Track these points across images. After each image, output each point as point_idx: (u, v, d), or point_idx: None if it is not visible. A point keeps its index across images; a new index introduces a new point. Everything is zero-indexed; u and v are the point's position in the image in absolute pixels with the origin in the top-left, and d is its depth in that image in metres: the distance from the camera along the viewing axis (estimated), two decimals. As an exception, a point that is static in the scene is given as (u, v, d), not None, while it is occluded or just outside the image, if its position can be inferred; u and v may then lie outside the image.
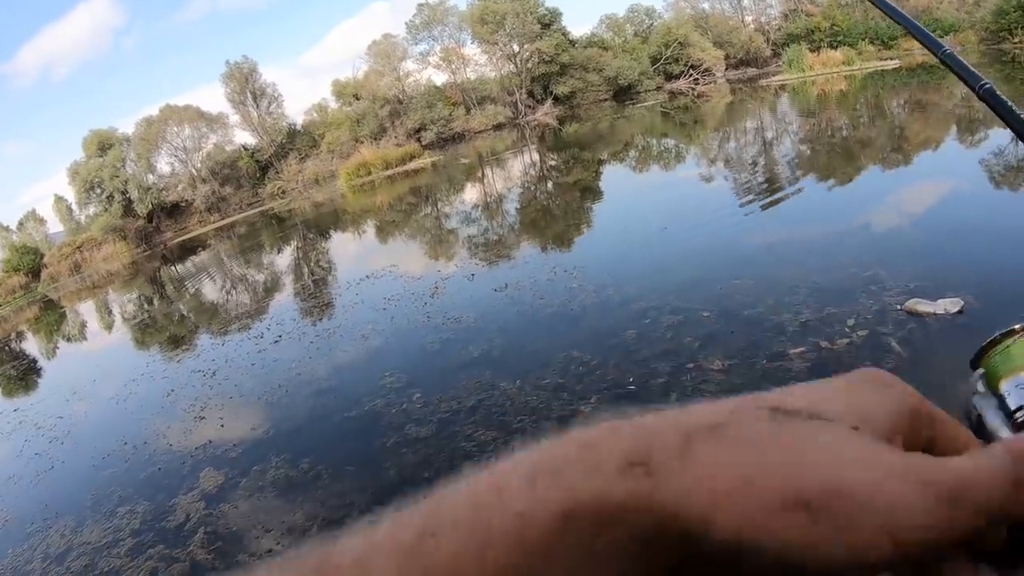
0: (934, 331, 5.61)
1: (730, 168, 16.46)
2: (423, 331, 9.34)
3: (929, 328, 5.67)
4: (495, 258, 12.84)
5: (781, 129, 21.89)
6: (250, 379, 9.69)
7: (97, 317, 24.21)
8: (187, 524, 6.15)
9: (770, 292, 7.29)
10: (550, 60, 50.12)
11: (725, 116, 30.34)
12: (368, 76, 53.55)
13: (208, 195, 50.77)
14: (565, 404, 6.12)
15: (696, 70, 50.77)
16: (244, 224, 39.43)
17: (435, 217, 21.15)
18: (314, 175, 49.90)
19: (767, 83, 39.34)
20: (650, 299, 8.14)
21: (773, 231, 9.92)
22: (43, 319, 29.16)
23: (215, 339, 13.29)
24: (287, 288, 16.86)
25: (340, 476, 6.15)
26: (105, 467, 8.20)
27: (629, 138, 29.18)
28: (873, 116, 19.95)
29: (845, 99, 26.13)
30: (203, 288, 21.78)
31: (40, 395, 14.13)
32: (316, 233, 26.38)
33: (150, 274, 31.63)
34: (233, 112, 53.26)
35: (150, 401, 10.26)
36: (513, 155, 34.00)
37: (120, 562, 5.91)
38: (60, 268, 44.57)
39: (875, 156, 13.90)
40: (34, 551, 6.66)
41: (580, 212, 15.90)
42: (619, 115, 40.12)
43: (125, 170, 50.50)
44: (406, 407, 7.05)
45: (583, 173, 21.90)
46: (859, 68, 36.06)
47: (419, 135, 50.33)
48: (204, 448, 7.71)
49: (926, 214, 9.27)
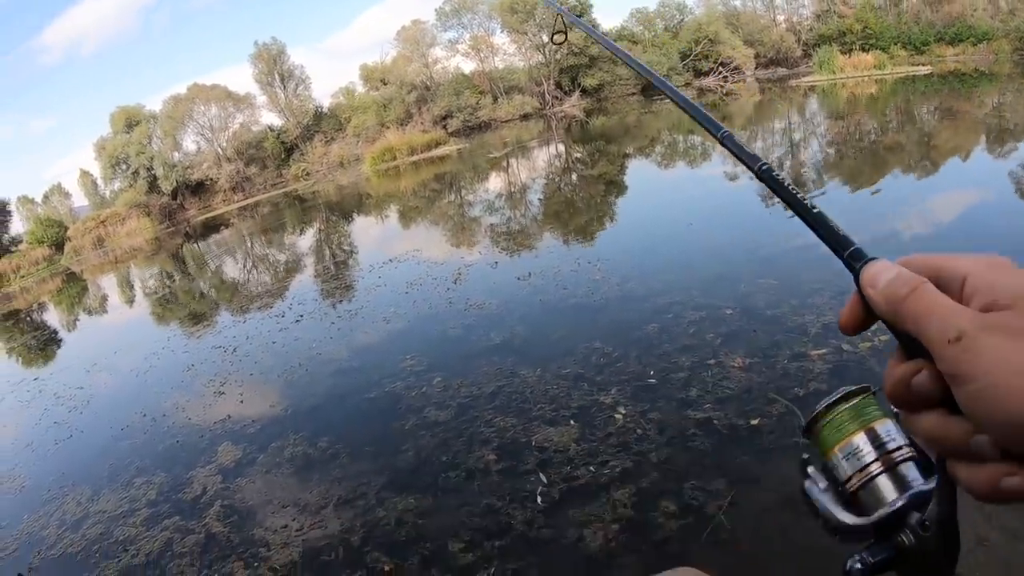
0: None
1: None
2: (445, 316, 9.28)
3: None
4: (518, 247, 12.76)
5: (809, 131, 21.66)
6: (270, 357, 9.66)
7: (119, 291, 24.35)
8: (203, 497, 6.12)
9: (794, 293, 7.19)
10: (579, 52, 49.90)
11: (753, 115, 30.08)
12: (396, 61, 53.63)
13: (233, 174, 51.01)
14: (585, 394, 6.03)
15: (725, 68, 50.41)
16: (268, 204, 39.56)
17: (459, 204, 21.08)
18: (339, 158, 50.01)
19: (796, 84, 38.93)
20: (673, 294, 8.04)
21: (798, 232, 9.76)
22: (65, 291, 29.38)
23: (236, 316, 13.29)
24: (309, 269, 16.84)
25: (358, 456, 6.09)
26: (123, 438, 8.20)
27: (656, 133, 29.01)
28: (902, 122, 19.68)
29: (875, 103, 25.83)
30: (225, 266, 21.86)
31: (60, 365, 14.18)
32: (339, 215, 26.41)
33: (172, 250, 31.79)
34: (260, 93, 53.69)
35: (170, 375, 10.26)
36: (539, 146, 33.90)
37: (135, 531, 5.88)
38: (83, 241, 44.94)
39: (903, 162, 13.69)
40: (50, 517, 6.65)
41: (604, 205, 15.78)
42: (646, 110, 39.82)
43: (151, 147, 50.89)
44: (426, 391, 6.99)
45: (609, 166, 21.76)
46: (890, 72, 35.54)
47: (445, 122, 50.34)
48: (223, 423, 7.68)
49: (953, 223, 9.08)
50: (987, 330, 0.49)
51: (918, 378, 0.54)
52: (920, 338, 0.53)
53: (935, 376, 0.53)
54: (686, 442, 4.87)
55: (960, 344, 0.49)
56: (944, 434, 0.53)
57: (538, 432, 5.55)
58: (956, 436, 0.52)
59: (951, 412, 0.53)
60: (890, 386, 0.57)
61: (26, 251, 45.47)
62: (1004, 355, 0.47)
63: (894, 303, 0.56)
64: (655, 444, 4.95)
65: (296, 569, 4.69)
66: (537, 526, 4.43)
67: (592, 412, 5.67)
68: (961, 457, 0.53)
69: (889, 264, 0.60)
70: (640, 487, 4.53)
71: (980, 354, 0.48)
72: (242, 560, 4.97)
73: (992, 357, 0.48)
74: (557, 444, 5.28)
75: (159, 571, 5.18)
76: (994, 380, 0.47)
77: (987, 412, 0.48)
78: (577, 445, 5.20)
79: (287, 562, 4.79)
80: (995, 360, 0.47)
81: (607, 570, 3.93)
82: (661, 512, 4.22)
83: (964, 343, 0.49)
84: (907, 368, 0.55)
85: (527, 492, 4.79)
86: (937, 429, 0.54)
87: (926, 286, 0.55)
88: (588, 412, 5.69)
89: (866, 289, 0.59)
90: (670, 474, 4.61)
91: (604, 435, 5.24)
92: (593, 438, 5.24)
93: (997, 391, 0.47)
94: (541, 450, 5.27)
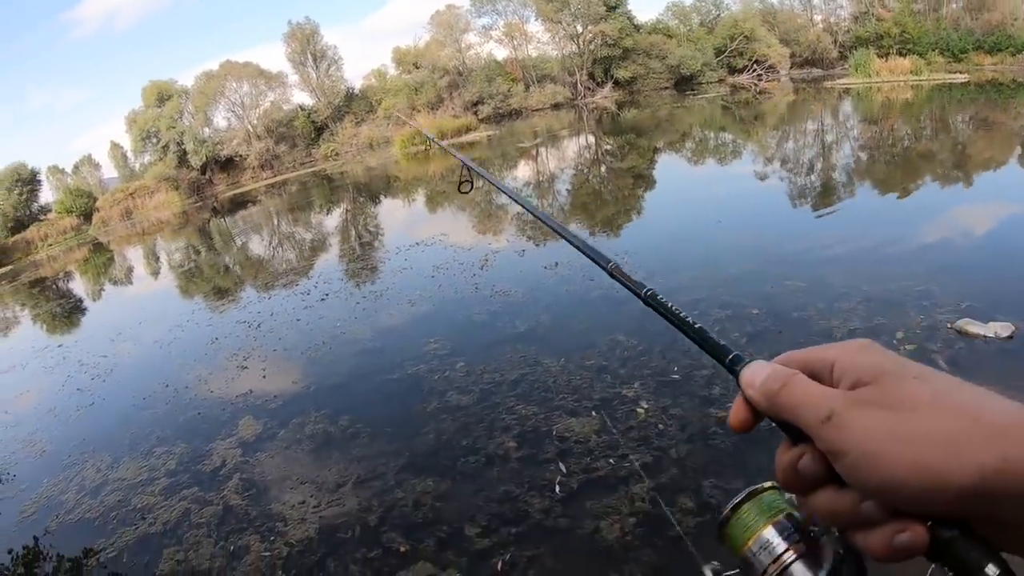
0: (982, 354, 5.43)
1: (787, 168, 16.12)
2: (471, 301, 9.29)
3: (977, 350, 5.49)
4: (546, 236, 12.71)
5: (842, 134, 21.40)
6: (294, 334, 9.71)
7: (144, 263, 24.57)
8: (223, 469, 6.17)
9: (820, 296, 7.13)
10: (613, 43, 49.66)
11: (786, 115, 29.80)
12: (429, 45, 53.54)
13: (262, 152, 51.20)
14: (608, 386, 6.02)
15: (760, 66, 49.95)
16: (296, 183, 39.68)
17: (487, 191, 21.04)
18: (368, 140, 50.01)
19: (831, 85, 38.44)
20: (700, 290, 8.02)
21: (826, 235, 9.68)
22: (92, 261, 29.64)
23: (261, 292, 13.35)
24: (335, 248, 16.91)
25: (378, 436, 6.11)
26: (145, 407, 8.28)
27: (687, 129, 28.78)
28: (937, 129, 19.40)
29: (909, 109, 25.48)
30: (251, 242, 21.96)
31: (85, 333, 14.34)
32: (367, 197, 26.45)
33: (199, 225, 31.98)
34: (292, 72, 53.67)
35: (194, 347, 10.34)
36: (569, 136, 33.79)
37: (153, 500, 5.94)
38: (111, 213, 45.29)
39: (936, 170, 13.48)
40: (69, 482, 6.74)
41: (633, 198, 15.70)
42: (679, 104, 39.59)
43: (182, 122, 51.18)
44: (449, 375, 7.00)
45: (638, 160, 21.65)
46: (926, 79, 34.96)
47: (476, 108, 50.22)
48: (245, 397, 7.73)
49: (985, 235, 8.93)
50: (854, 406, 0.54)
51: (803, 461, 0.58)
52: (798, 424, 0.57)
53: (818, 457, 0.57)
54: (707, 440, 4.85)
55: (831, 422, 0.54)
56: (836, 508, 0.57)
57: (559, 422, 5.55)
58: (847, 507, 0.55)
59: (839, 487, 0.56)
60: (780, 473, 0.61)
61: (54, 220, 45.83)
62: (871, 425, 0.52)
63: (770, 397, 0.60)
64: (676, 440, 4.93)
65: (312, 545, 4.72)
66: (554, 515, 4.43)
67: (614, 405, 5.66)
68: (857, 526, 0.56)
69: (764, 364, 0.64)
70: (659, 482, 4.52)
71: (850, 428, 0.53)
72: (259, 533, 5.00)
73: (861, 429, 0.53)
74: (578, 435, 5.28)
75: (176, 540, 5.23)
76: (865, 449, 0.52)
77: (865, 479, 0.52)
78: (598, 437, 5.19)
79: (303, 538, 4.82)
80: (864, 431, 0.52)
81: (622, 563, 3.92)
82: (679, 508, 4.21)
83: (835, 420, 0.54)
84: (792, 454, 0.59)
85: (545, 481, 4.79)
86: (829, 504, 0.57)
87: (797, 377, 0.60)
88: (610, 404, 5.67)
89: (746, 390, 0.63)
90: (689, 471, 4.59)
91: (625, 428, 5.23)
92: (614, 430, 5.22)
93: (869, 458, 0.52)
94: (562, 440, 5.26)
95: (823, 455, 0.56)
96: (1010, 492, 0.47)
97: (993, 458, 0.47)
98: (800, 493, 0.60)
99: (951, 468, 0.48)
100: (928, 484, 0.49)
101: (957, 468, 0.48)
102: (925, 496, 0.50)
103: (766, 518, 0.68)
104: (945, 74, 35.93)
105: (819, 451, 0.56)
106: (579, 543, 4.16)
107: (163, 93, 51.91)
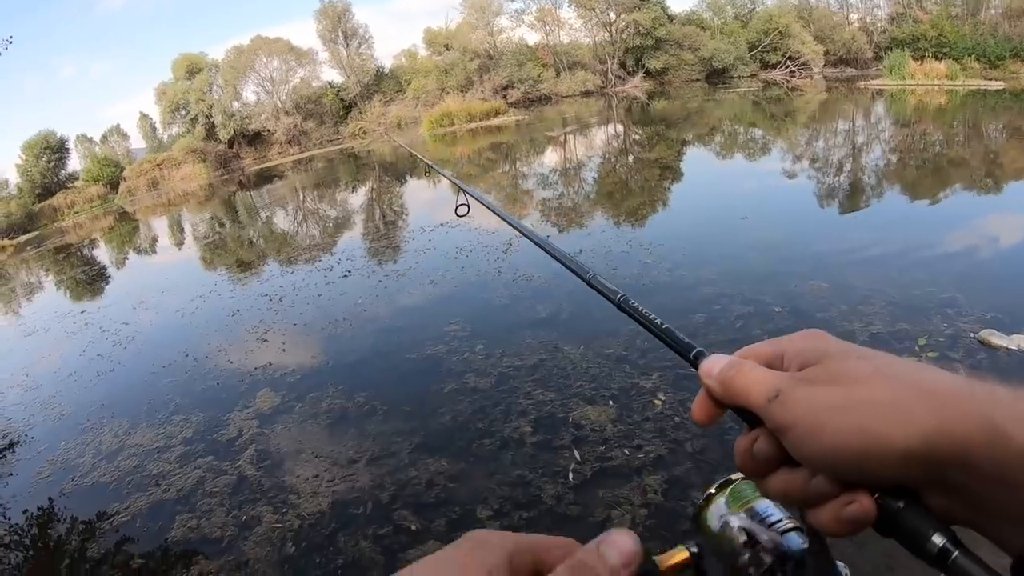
0: (1005, 366, 5.33)
1: (816, 167, 15.90)
2: (493, 285, 9.28)
3: (1000, 362, 5.39)
4: (570, 223, 12.69)
5: (873, 135, 21.11)
6: (315, 309, 9.75)
7: (169, 233, 24.76)
8: (238, 440, 6.21)
9: (843, 298, 7.04)
10: (646, 33, 49.31)
11: (817, 113, 29.46)
12: (460, 28, 53.35)
13: (290, 127, 51.33)
14: (626, 376, 5.99)
15: (794, 62, 49.43)
16: (322, 159, 39.77)
17: (513, 175, 20.99)
18: (397, 119, 50.03)
19: (865, 86, 37.88)
20: (723, 285, 7.94)
21: (852, 236, 9.56)
22: (117, 229, 29.91)
23: (284, 267, 13.42)
24: (359, 226, 16.94)
25: (394, 414, 6.13)
26: (164, 375, 8.35)
27: (717, 122, 28.52)
28: (969, 136, 19.08)
29: (943, 114, 25.05)
30: (276, 216, 22.04)
31: (107, 300, 14.46)
32: (393, 176, 26.46)
33: (225, 197, 32.15)
34: (323, 49, 53.77)
35: (215, 318, 10.41)
36: (598, 124, 33.64)
37: (168, 467, 5.99)
38: (138, 183, 45.71)
39: (967, 178, 13.23)
40: (86, 446, 6.81)
41: (659, 189, 15.58)
42: (709, 97, 39.22)
43: (211, 95, 51.41)
44: (468, 357, 7.00)
45: (666, 151, 21.49)
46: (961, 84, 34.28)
47: (506, 92, 50.12)
48: (263, 369, 7.77)
49: (1013, 246, 8.75)
50: (798, 383, 0.56)
51: (757, 444, 0.59)
52: (750, 407, 0.59)
53: (771, 439, 0.58)
54: (723, 435, 4.81)
55: (778, 399, 0.56)
56: (789, 487, 0.58)
57: (576, 409, 5.53)
58: (798, 485, 0.56)
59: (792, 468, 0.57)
60: (738, 458, 0.62)
61: (81, 188, 46.31)
62: (814, 397, 0.54)
63: (725, 383, 0.62)
64: (691, 434, 4.89)
65: (324, 519, 4.74)
66: (566, 502, 4.42)
67: (632, 395, 5.63)
68: (810, 504, 0.56)
69: (721, 356, 0.66)
70: (672, 475, 4.50)
71: (794, 403, 0.55)
72: (271, 505, 5.03)
73: (804, 401, 0.54)
74: (594, 423, 5.26)
75: (189, 507, 5.27)
76: (809, 420, 0.53)
77: (810, 451, 0.54)
78: (614, 426, 5.17)
79: (315, 511, 4.84)
80: (807, 403, 0.54)
81: (632, 553, 3.90)
82: (691, 503, 4.18)
83: (781, 398, 0.56)
84: (748, 438, 0.61)
85: (559, 467, 4.78)
86: (783, 484, 0.58)
87: (748, 363, 0.62)
88: (628, 394, 5.65)
89: (705, 379, 0.64)
90: (703, 465, 4.57)
91: (641, 419, 5.20)
92: (630, 421, 5.20)
93: (813, 429, 0.53)
94: (577, 427, 5.25)
95: (775, 437, 0.57)
96: (950, 454, 0.48)
97: (933, 422, 0.49)
98: (757, 477, 0.61)
99: (892, 432, 0.49)
100: (871, 449, 0.50)
101: (899, 432, 0.49)
102: (868, 462, 0.51)
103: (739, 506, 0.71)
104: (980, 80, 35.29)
105: (772, 434, 0.58)
106: (589, 531, 4.11)
107: (193, 66, 52.15)
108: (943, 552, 0.49)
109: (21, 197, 43.90)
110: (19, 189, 45.36)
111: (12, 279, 22.06)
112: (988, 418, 0.48)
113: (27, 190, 44.87)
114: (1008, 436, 0.47)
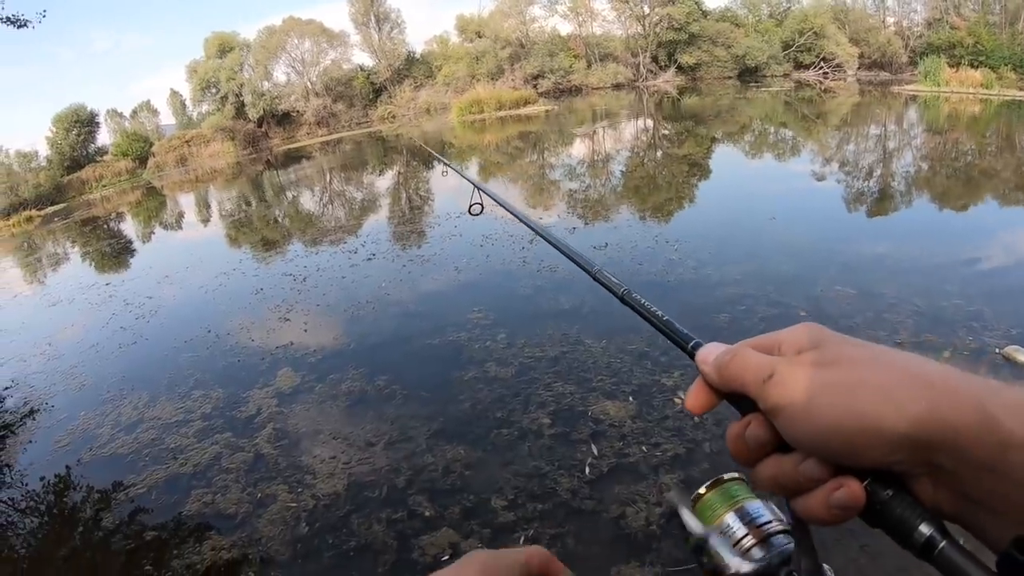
0: None
1: (846, 171, 15.69)
2: (517, 274, 9.27)
3: (1022, 378, 5.30)
4: (596, 216, 12.62)
5: (905, 141, 20.84)
6: (339, 291, 9.78)
7: (195, 210, 24.91)
8: (257, 418, 6.24)
9: (870, 304, 6.97)
10: (679, 28, 48.97)
11: (849, 116, 29.15)
12: (493, 15, 53.21)
13: (319, 109, 51.42)
14: (648, 373, 5.96)
15: (827, 64, 48.95)
16: (350, 142, 39.88)
17: (540, 165, 20.93)
18: (426, 105, 50.05)
19: (898, 90, 37.41)
20: (748, 286, 7.88)
21: (880, 243, 9.43)
22: (144, 204, 30.12)
23: (308, 247, 13.46)
24: (384, 210, 16.98)
25: (413, 399, 6.14)
26: (186, 350, 8.40)
27: (747, 121, 28.27)
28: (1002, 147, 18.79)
29: (976, 123, 24.68)
30: (302, 197, 22.12)
31: (132, 274, 14.54)
32: (420, 161, 26.43)
33: (252, 176, 32.27)
34: (355, 32, 53.73)
35: (238, 296, 10.46)
36: (628, 118, 33.47)
37: (186, 442, 6.03)
38: (167, 159, 45.93)
39: (999, 189, 13.05)
40: (106, 417, 6.88)
41: (687, 186, 15.46)
42: (741, 95, 38.90)
43: (242, 74, 51.58)
44: (489, 345, 7.00)
45: (695, 147, 21.32)
46: (996, 94, 33.73)
47: (536, 82, 49.95)
48: (285, 348, 7.81)
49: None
50: (793, 365, 0.57)
51: (750, 429, 0.59)
52: (745, 390, 0.60)
53: (764, 423, 0.58)
54: (743, 436, 4.77)
55: (772, 380, 0.56)
56: (780, 472, 0.58)
57: (595, 404, 5.51)
58: (789, 470, 0.57)
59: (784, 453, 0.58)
60: (730, 444, 0.62)
61: (110, 162, 46.57)
62: (806, 378, 0.54)
63: (720, 369, 0.62)
64: (710, 434, 4.87)
65: (339, 501, 4.75)
66: (581, 496, 4.41)
67: (652, 392, 5.60)
68: (800, 489, 0.56)
69: (718, 344, 0.67)
70: (689, 474, 4.47)
71: (788, 383, 0.55)
72: (287, 484, 5.05)
73: (798, 382, 0.55)
74: (613, 418, 5.24)
75: (205, 482, 5.31)
76: (802, 400, 0.54)
77: (803, 431, 0.54)
78: (633, 422, 5.14)
79: (331, 492, 4.85)
80: (800, 385, 0.55)
81: (644, 552, 3.89)
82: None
83: (775, 378, 0.56)
84: (740, 424, 0.61)
85: (576, 461, 4.77)
86: (774, 469, 0.58)
87: (745, 349, 0.62)
88: (648, 391, 5.62)
89: (701, 366, 0.66)
90: (721, 466, 4.51)
91: (660, 417, 5.17)
92: (649, 418, 5.18)
93: (806, 408, 0.53)
94: (596, 422, 5.23)
95: (769, 423, 0.58)
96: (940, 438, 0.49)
97: (925, 406, 0.49)
98: (749, 463, 0.61)
99: (884, 415, 0.50)
100: (863, 430, 0.51)
101: (890, 415, 0.50)
102: (860, 443, 0.51)
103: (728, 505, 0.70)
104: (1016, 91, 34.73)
105: (765, 418, 0.58)
106: (603, 527, 4.13)
107: (225, 45, 52.33)
108: (930, 542, 0.49)
109: (50, 169, 44.15)
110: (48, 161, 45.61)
111: (39, 249, 22.25)
112: (979, 405, 0.49)
113: (56, 162, 45.13)
114: (998, 423, 0.48)
